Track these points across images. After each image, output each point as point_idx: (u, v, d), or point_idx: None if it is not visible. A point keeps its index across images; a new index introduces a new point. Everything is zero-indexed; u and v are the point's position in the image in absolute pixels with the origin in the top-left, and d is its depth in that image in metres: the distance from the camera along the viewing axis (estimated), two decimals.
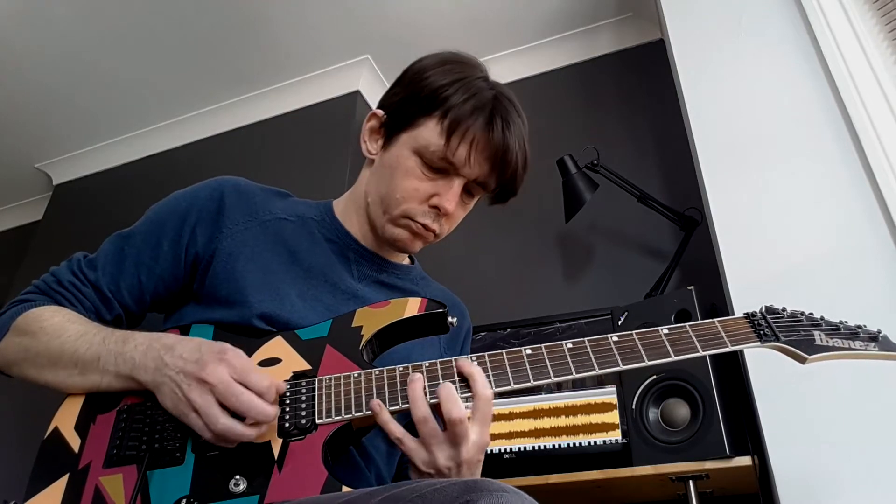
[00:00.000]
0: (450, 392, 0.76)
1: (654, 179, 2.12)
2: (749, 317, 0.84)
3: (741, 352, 1.42)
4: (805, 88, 1.59)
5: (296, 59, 2.67)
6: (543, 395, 1.58)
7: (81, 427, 0.81)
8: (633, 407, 1.46)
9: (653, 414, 1.44)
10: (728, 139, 1.65)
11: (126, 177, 3.05)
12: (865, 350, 0.82)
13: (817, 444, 1.25)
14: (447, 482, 0.60)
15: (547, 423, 1.55)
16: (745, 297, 1.45)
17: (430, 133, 0.91)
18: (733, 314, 1.44)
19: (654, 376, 1.46)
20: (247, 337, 0.86)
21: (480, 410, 0.77)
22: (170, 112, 2.94)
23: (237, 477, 0.74)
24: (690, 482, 1.37)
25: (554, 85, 2.52)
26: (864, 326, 0.85)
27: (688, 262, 1.86)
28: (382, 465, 0.94)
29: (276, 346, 0.86)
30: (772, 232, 1.48)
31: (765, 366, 1.36)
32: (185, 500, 0.73)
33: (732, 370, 1.48)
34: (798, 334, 0.82)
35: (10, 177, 3.28)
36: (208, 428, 0.73)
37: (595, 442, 1.49)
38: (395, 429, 0.77)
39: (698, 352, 0.80)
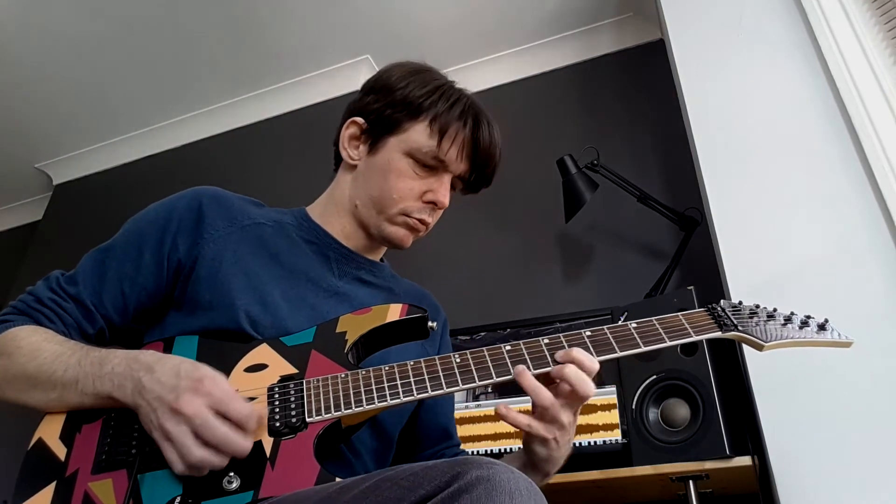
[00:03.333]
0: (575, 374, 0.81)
1: (654, 179, 2.12)
2: (710, 309, 0.90)
3: (741, 351, 1.42)
4: (805, 88, 1.59)
5: (296, 59, 2.67)
6: None
7: (66, 436, 0.81)
8: (633, 407, 1.45)
9: (653, 414, 1.44)
10: (728, 139, 1.65)
11: (126, 177, 3.05)
12: (814, 338, 0.88)
13: (817, 445, 1.25)
14: (438, 461, 0.62)
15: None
16: (744, 298, 1.43)
17: (419, 136, 1.00)
18: None
19: (654, 376, 1.46)
20: (233, 344, 0.87)
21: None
22: (170, 112, 2.94)
23: (230, 475, 0.74)
24: (690, 482, 1.37)
25: (554, 85, 2.52)
26: (813, 317, 0.91)
27: (688, 262, 1.86)
28: (370, 461, 0.95)
29: (262, 352, 0.87)
30: (772, 232, 1.48)
31: (765, 366, 1.36)
32: (178, 499, 0.73)
33: (732, 370, 1.48)
34: (756, 325, 0.88)
35: (10, 177, 3.28)
36: (182, 460, 0.72)
37: (595, 442, 1.49)
38: (522, 419, 0.82)
39: (665, 342, 0.85)
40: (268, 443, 0.77)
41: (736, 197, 1.57)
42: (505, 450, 1.55)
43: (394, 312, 0.90)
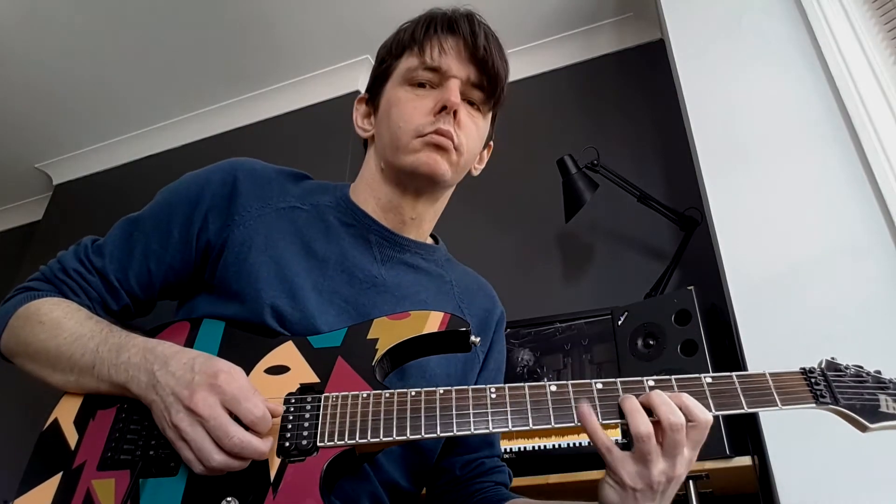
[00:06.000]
0: (664, 398, 0.72)
1: (654, 179, 2.12)
2: (806, 373, 0.77)
3: (741, 351, 1.42)
4: (805, 88, 1.59)
5: (296, 59, 2.67)
6: None
7: (81, 421, 0.79)
8: None
9: None
10: (728, 139, 1.65)
11: (126, 177, 3.05)
12: None
13: (817, 444, 1.24)
14: None
15: None
16: (745, 297, 1.45)
17: (406, 63, 0.98)
18: (733, 314, 1.44)
19: (655, 376, 1.45)
20: (258, 338, 0.83)
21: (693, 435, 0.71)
22: (170, 112, 2.94)
23: (229, 499, 0.70)
24: (690, 482, 1.37)
25: (554, 85, 2.52)
26: None
27: (688, 262, 1.86)
28: (393, 469, 0.89)
29: (286, 352, 0.82)
30: (772, 232, 1.48)
31: (766, 366, 1.35)
32: None
33: (733, 370, 1.47)
34: (861, 398, 0.75)
35: (10, 177, 3.28)
36: (201, 463, 0.69)
37: None
38: (604, 437, 0.73)
39: (743, 409, 0.74)
40: (274, 464, 0.72)
41: (736, 197, 1.57)
42: (507, 449, 1.55)
43: (433, 322, 0.82)
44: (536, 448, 1.53)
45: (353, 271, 0.92)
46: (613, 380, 0.76)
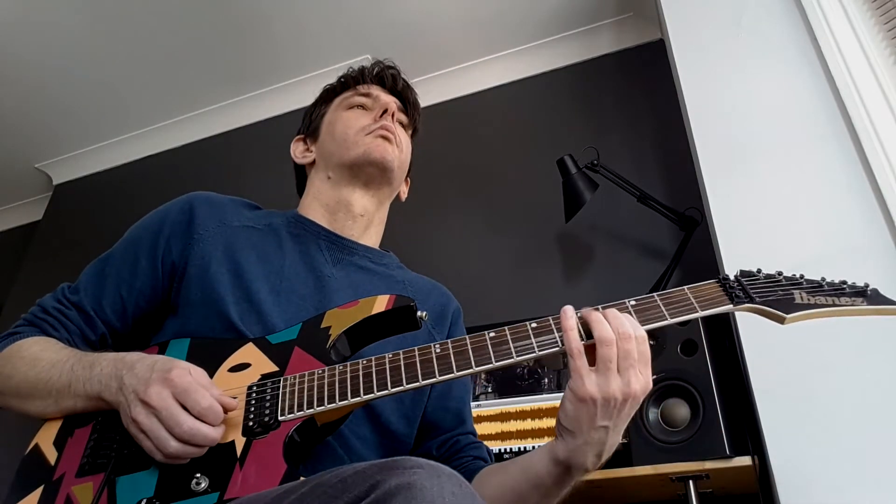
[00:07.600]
0: (614, 312, 0.77)
1: (654, 179, 2.12)
2: (721, 280, 0.81)
3: (741, 350, 1.42)
4: (805, 88, 1.59)
5: (296, 59, 2.67)
6: (544, 395, 1.58)
7: (59, 441, 0.84)
8: None
9: (653, 414, 1.44)
10: (728, 139, 1.65)
11: (126, 177, 3.05)
12: (852, 306, 0.75)
13: (817, 444, 1.25)
14: (367, 466, 0.58)
15: (548, 423, 1.55)
16: None
17: (341, 97, 1.17)
18: (733, 314, 1.44)
19: (654, 376, 1.44)
20: (220, 344, 0.89)
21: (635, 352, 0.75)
22: (169, 112, 2.94)
23: (198, 476, 0.75)
24: (690, 482, 1.37)
25: (554, 85, 2.52)
26: (851, 282, 0.79)
27: (688, 262, 1.86)
28: (369, 453, 0.93)
29: (247, 352, 0.87)
30: (771, 232, 1.48)
31: (766, 365, 1.36)
32: (145, 501, 0.74)
33: (733, 370, 1.48)
34: (776, 294, 0.77)
35: (10, 177, 3.28)
36: (159, 451, 0.74)
37: None
38: (578, 340, 0.76)
39: (666, 320, 0.78)
40: (240, 443, 0.77)
41: (736, 197, 1.57)
42: (507, 449, 1.55)
43: (380, 304, 0.87)
44: (537, 448, 1.53)
45: (306, 274, 1.00)
46: (546, 317, 0.82)
